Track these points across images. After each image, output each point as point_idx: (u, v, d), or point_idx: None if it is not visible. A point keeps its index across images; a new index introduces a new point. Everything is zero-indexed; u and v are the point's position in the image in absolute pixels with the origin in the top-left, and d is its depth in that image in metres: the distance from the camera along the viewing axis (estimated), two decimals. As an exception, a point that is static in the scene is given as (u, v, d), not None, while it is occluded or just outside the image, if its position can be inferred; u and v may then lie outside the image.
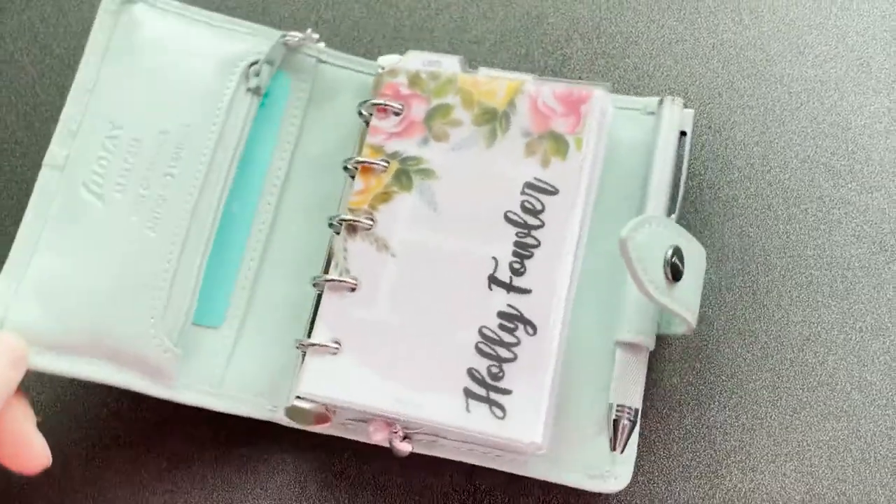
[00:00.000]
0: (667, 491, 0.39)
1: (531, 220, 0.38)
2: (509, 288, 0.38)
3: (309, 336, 0.39)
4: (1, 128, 0.47)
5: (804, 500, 0.38)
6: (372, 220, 0.40)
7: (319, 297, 0.40)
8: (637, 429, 0.37)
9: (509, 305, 0.37)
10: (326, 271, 0.40)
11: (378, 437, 0.38)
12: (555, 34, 0.47)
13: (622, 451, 0.37)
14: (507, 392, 0.36)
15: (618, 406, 0.37)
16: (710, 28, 0.46)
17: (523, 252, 0.38)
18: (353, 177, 0.41)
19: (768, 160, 0.43)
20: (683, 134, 0.41)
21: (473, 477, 0.40)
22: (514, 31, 0.47)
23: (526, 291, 0.37)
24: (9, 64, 0.48)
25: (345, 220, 0.40)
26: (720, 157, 0.43)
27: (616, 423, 0.37)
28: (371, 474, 0.41)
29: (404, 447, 0.38)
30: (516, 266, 0.38)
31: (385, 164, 0.40)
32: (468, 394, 0.37)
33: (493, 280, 0.38)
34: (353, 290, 0.39)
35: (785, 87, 0.44)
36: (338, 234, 0.40)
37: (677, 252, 0.36)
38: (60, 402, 0.42)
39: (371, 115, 0.41)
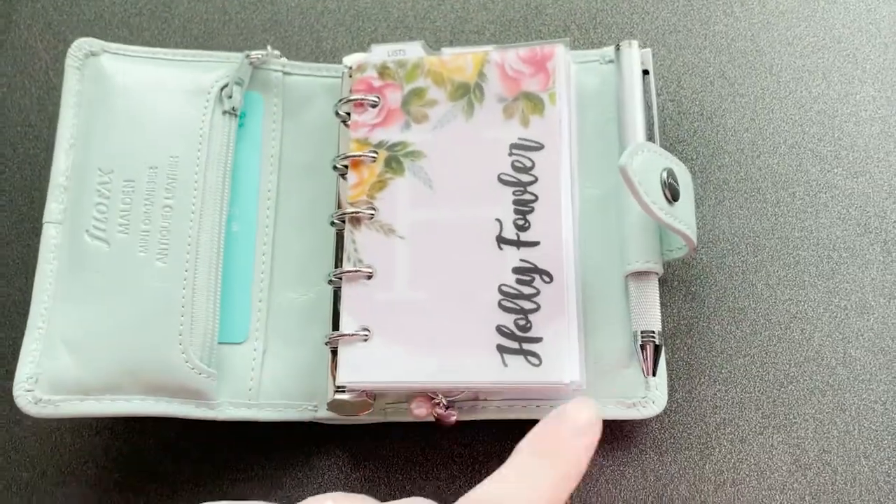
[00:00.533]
0: (658, 462, 0.40)
1: (524, 178, 0.40)
2: (518, 244, 0.39)
3: (336, 329, 0.40)
4: (15, 111, 0.48)
5: (791, 470, 0.40)
6: (373, 208, 0.41)
7: (335, 293, 0.41)
8: (663, 350, 0.39)
9: (522, 260, 0.39)
10: (338, 266, 0.41)
11: (421, 413, 0.39)
12: (553, 24, 0.48)
13: (654, 374, 0.38)
14: (537, 340, 0.38)
15: (641, 332, 0.39)
16: (702, 20, 0.47)
17: (523, 208, 0.39)
18: (343, 175, 0.42)
19: (758, 146, 0.45)
20: (646, 73, 0.42)
21: (472, 446, 0.41)
22: (514, 22, 0.48)
23: (534, 244, 0.39)
24: (23, 50, 0.49)
25: (347, 214, 0.41)
26: (711, 143, 0.45)
27: (643, 348, 0.38)
28: (373, 445, 0.42)
29: (450, 416, 0.39)
30: (520, 222, 0.39)
31: (374, 155, 0.41)
32: (502, 350, 0.38)
33: (501, 240, 0.39)
34: (369, 277, 0.40)
35: (774, 77, 0.46)
36: (340, 230, 0.41)
37: (671, 174, 0.38)
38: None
39: (349, 112, 0.43)
